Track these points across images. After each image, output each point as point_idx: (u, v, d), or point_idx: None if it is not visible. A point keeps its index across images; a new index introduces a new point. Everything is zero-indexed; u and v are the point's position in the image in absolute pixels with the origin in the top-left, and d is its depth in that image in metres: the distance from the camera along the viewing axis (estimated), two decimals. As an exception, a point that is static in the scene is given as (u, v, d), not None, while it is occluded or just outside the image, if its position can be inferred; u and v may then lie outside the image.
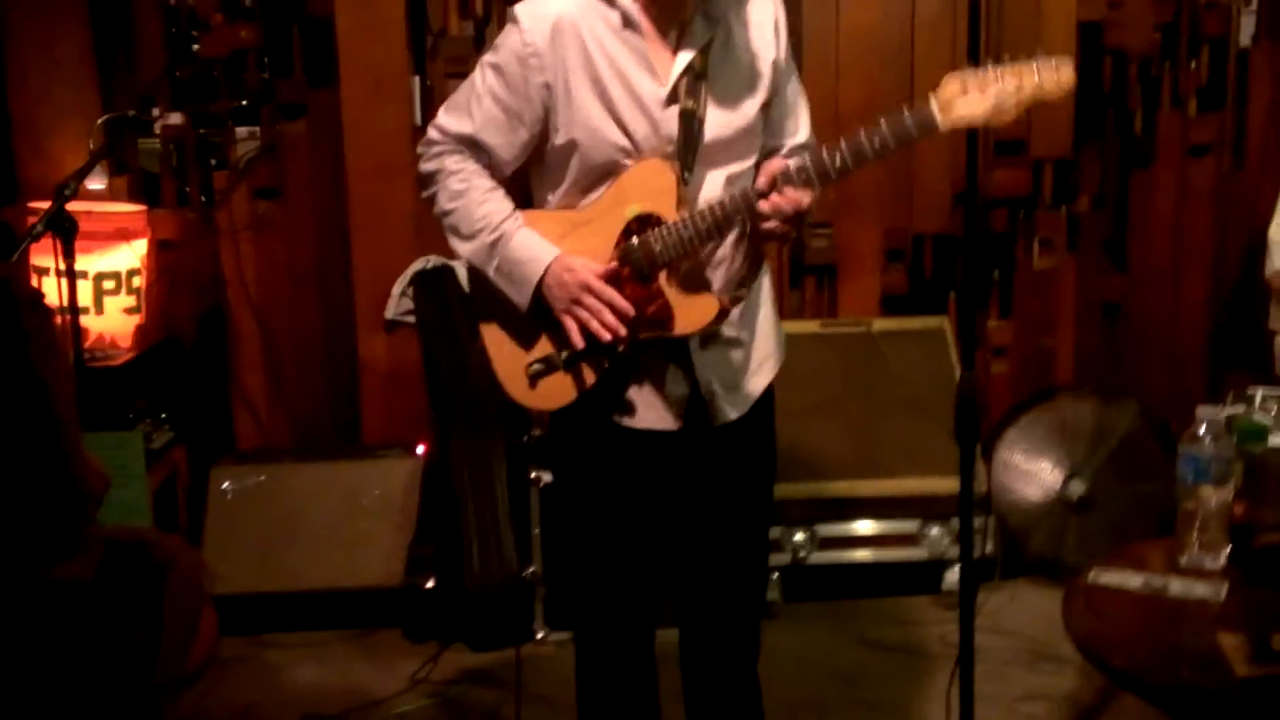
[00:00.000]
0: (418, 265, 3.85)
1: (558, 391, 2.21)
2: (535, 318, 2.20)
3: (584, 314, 2.13)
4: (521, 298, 2.18)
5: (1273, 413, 2.77)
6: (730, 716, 2.46)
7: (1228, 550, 2.44)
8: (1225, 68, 4.13)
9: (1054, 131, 4.07)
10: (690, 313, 2.13)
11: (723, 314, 2.15)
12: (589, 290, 2.12)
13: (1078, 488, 3.86)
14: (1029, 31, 3.93)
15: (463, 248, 2.22)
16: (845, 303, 4.13)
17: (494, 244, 2.18)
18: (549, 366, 2.19)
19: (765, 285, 2.31)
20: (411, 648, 3.53)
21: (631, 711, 2.42)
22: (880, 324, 3.97)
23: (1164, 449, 3.85)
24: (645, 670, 2.41)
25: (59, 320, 3.32)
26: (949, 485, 3.53)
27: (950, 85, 1.94)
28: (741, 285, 2.19)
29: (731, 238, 2.16)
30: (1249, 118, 4.17)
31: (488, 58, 2.19)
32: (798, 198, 2.03)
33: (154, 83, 3.92)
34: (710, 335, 2.19)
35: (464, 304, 3.80)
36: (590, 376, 2.18)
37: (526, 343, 2.23)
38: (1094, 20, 4.06)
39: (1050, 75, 1.91)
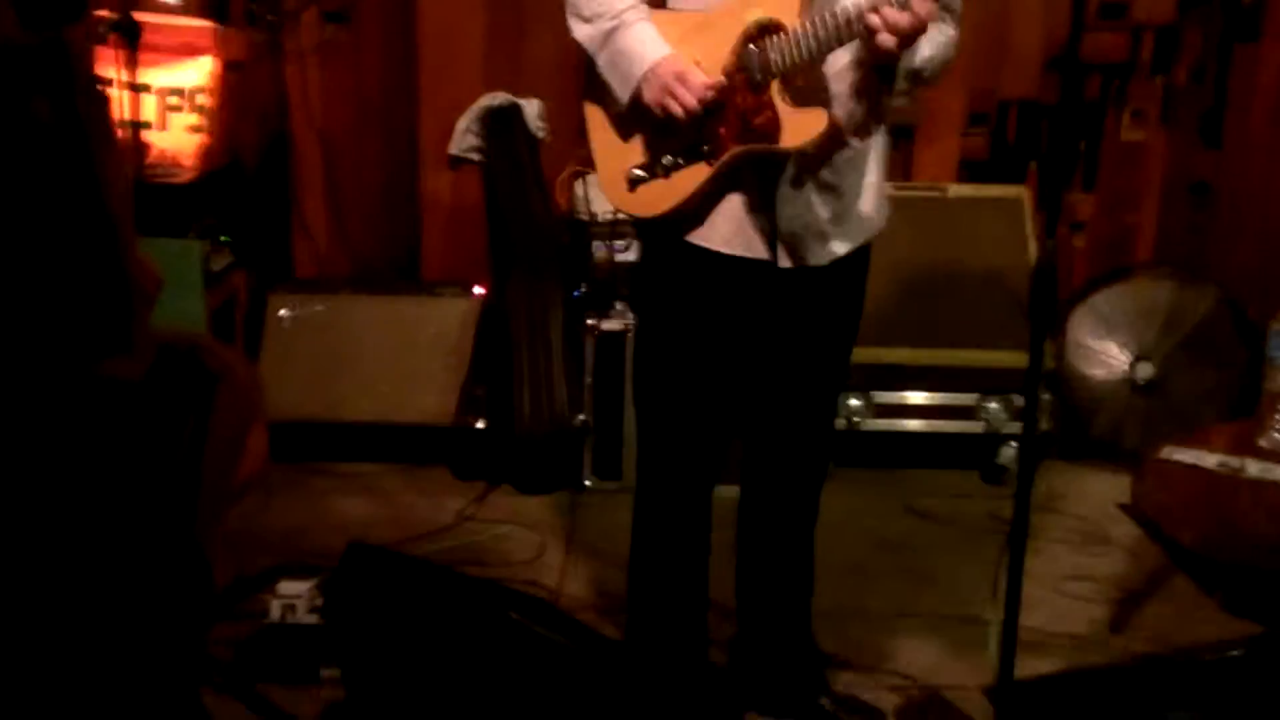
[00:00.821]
0: (485, 101, 3.75)
1: (654, 199, 2.19)
2: (640, 119, 2.17)
3: (670, 101, 2.09)
4: (623, 91, 2.15)
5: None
6: (782, 576, 2.46)
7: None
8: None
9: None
10: (799, 126, 2.08)
11: (832, 130, 2.08)
12: (681, 80, 2.09)
13: (1146, 370, 3.75)
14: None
15: (579, 29, 2.20)
16: (922, 166, 4.00)
17: (610, 31, 2.15)
18: (649, 172, 2.18)
19: (878, 147, 2.24)
20: (459, 486, 3.54)
21: (682, 562, 2.42)
22: (956, 189, 3.84)
23: (1241, 337, 3.73)
24: (701, 522, 2.40)
25: (121, 133, 3.29)
26: (1011, 359, 3.46)
27: None
28: (855, 133, 2.14)
29: (852, 79, 2.09)
30: (1366, -9, 3.93)
31: None
32: (920, 13, 1.93)
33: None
34: (810, 168, 2.13)
35: (530, 145, 3.75)
36: (687, 187, 2.16)
37: (629, 144, 2.21)
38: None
39: None
